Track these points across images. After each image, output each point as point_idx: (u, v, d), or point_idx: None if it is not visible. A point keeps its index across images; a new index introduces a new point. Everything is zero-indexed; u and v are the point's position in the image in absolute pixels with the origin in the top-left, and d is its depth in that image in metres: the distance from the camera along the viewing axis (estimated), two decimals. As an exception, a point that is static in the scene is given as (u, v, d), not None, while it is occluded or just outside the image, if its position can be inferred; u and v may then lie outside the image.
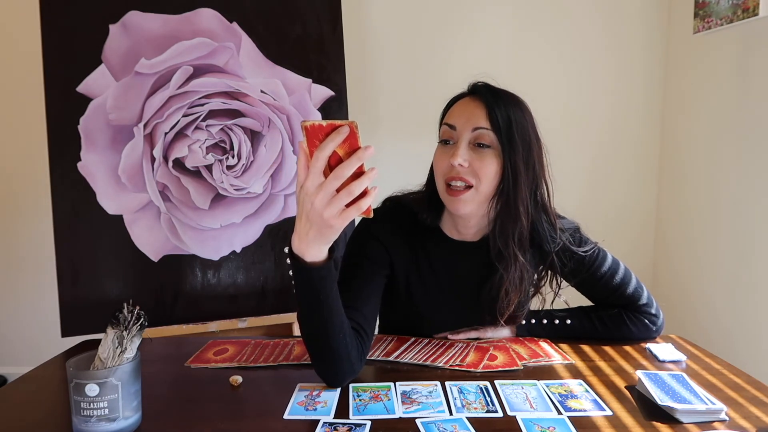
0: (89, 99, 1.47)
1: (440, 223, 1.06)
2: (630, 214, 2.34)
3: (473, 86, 1.01)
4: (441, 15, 2.21)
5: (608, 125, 2.28)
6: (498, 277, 1.00)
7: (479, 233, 1.05)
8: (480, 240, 1.05)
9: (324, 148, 0.66)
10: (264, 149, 1.57)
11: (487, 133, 0.94)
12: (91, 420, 0.69)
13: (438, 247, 1.05)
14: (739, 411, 0.77)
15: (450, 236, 1.06)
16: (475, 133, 0.94)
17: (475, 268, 1.04)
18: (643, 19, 2.24)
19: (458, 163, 0.93)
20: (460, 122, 0.96)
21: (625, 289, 1.06)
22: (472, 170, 0.94)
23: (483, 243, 1.04)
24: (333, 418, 0.75)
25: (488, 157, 0.94)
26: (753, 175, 1.79)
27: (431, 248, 1.05)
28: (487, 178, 0.94)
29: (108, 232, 1.48)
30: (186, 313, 1.53)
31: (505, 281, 0.99)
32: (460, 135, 0.95)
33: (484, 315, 1.04)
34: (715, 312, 1.98)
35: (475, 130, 0.94)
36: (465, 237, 1.05)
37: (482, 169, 0.94)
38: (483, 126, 0.94)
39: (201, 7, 1.53)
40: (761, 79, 1.75)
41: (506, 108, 0.95)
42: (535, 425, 0.73)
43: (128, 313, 0.73)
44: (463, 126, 0.95)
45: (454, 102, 1.01)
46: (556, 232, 1.01)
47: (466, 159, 0.93)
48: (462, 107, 0.98)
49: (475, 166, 0.94)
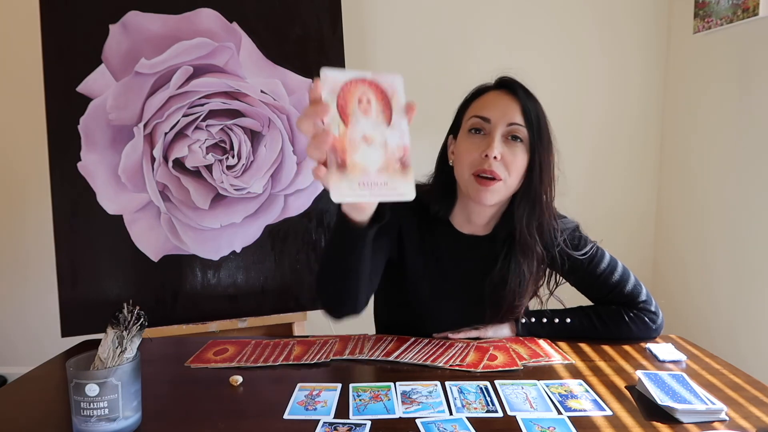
0: (89, 99, 1.47)
1: (450, 216, 1.07)
2: (630, 214, 2.34)
3: (503, 80, 1.02)
4: (441, 15, 2.21)
5: (608, 125, 2.28)
6: (508, 268, 1.02)
7: (489, 226, 1.07)
8: (489, 233, 1.07)
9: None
10: (264, 149, 1.57)
11: (521, 129, 0.97)
12: (91, 420, 0.69)
13: (447, 239, 1.07)
14: (739, 411, 0.77)
15: (459, 230, 1.07)
16: (510, 127, 0.97)
17: (482, 262, 1.05)
18: (643, 19, 2.24)
19: (494, 155, 0.94)
20: (495, 115, 0.97)
21: (623, 287, 1.06)
22: (503, 163, 0.96)
23: (492, 236, 1.06)
24: (333, 418, 0.75)
25: (519, 151, 0.97)
26: (753, 174, 1.79)
27: (440, 240, 1.06)
28: (516, 172, 0.97)
29: (108, 232, 1.48)
30: (186, 313, 1.53)
31: (519, 273, 1.02)
32: (494, 128, 0.97)
33: (486, 308, 1.05)
34: (716, 312, 1.98)
35: (510, 125, 0.96)
36: (475, 230, 1.07)
37: (513, 163, 0.96)
38: (518, 122, 0.96)
39: (201, 7, 1.53)
40: (761, 79, 1.75)
41: (535, 105, 0.99)
42: (535, 425, 0.73)
43: (128, 313, 0.73)
44: (498, 119, 0.96)
45: (480, 93, 1.03)
46: (558, 230, 1.04)
47: (501, 152, 0.95)
48: (495, 100, 0.99)
49: (507, 159, 0.96)
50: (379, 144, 0.59)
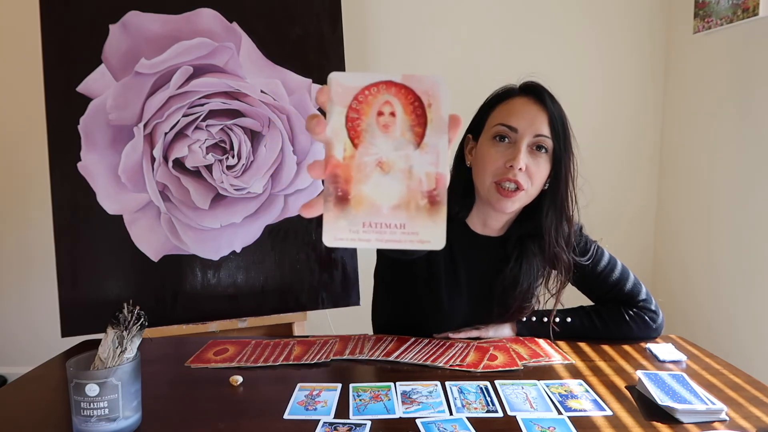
0: (89, 99, 1.47)
1: (466, 218, 1.08)
2: (630, 214, 2.34)
3: (530, 86, 1.00)
4: (441, 15, 2.21)
5: (608, 125, 2.28)
6: (519, 269, 1.03)
7: (504, 228, 1.07)
8: (503, 235, 1.08)
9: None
10: (264, 149, 1.57)
11: (547, 140, 0.96)
12: (91, 420, 0.69)
13: (462, 240, 1.07)
14: (739, 411, 0.77)
15: (474, 230, 1.07)
16: (537, 138, 0.96)
17: (495, 263, 1.06)
18: (643, 19, 2.24)
19: (520, 167, 0.94)
20: (522, 125, 0.96)
21: (623, 285, 1.06)
22: (527, 174, 0.96)
23: (505, 238, 1.07)
24: (333, 418, 0.75)
25: (543, 162, 0.97)
26: (753, 174, 1.79)
27: (455, 240, 1.06)
28: (538, 182, 0.97)
29: (108, 232, 1.48)
30: (186, 313, 1.53)
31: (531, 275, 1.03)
32: (520, 138, 0.96)
33: (494, 307, 1.06)
34: (716, 311, 1.98)
35: (537, 136, 0.96)
36: (489, 232, 1.08)
37: (537, 174, 0.96)
38: (545, 134, 0.96)
39: (201, 7, 1.53)
40: (761, 79, 1.75)
41: (560, 113, 0.98)
42: (535, 425, 0.73)
43: (128, 313, 0.73)
44: (525, 130, 0.96)
45: (506, 98, 1.01)
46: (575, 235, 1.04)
47: (526, 163, 0.95)
48: (523, 109, 0.97)
49: (531, 170, 0.96)
50: (400, 171, 0.44)
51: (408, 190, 0.44)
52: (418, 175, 0.44)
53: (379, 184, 0.44)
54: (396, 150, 0.44)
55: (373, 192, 0.44)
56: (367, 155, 0.44)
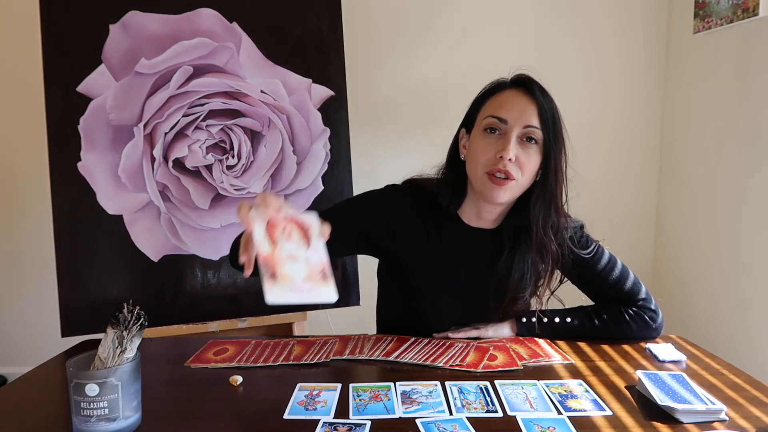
0: (89, 99, 1.46)
1: (459, 211, 1.08)
2: (630, 214, 2.33)
3: (520, 78, 1.02)
4: (441, 15, 2.21)
5: (608, 125, 2.28)
6: (512, 260, 1.04)
7: (497, 221, 1.08)
8: (496, 228, 1.08)
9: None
10: (264, 149, 1.57)
11: (536, 131, 0.97)
12: (91, 420, 0.69)
13: (454, 232, 1.07)
14: (739, 411, 0.77)
15: (468, 223, 1.07)
16: (526, 129, 0.97)
17: (489, 255, 1.06)
18: (643, 19, 2.24)
19: (509, 157, 0.95)
20: (511, 117, 0.97)
21: (623, 284, 1.07)
22: (517, 164, 0.97)
23: (499, 230, 1.07)
24: (333, 418, 0.75)
25: (533, 152, 0.98)
26: (753, 175, 1.79)
27: (447, 233, 1.07)
28: (529, 172, 0.98)
29: (108, 232, 1.47)
30: (186, 313, 1.53)
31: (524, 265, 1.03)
32: (510, 129, 0.97)
33: (489, 300, 1.06)
34: (716, 312, 1.98)
35: (526, 127, 0.97)
36: (483, 225, 1.08)
37: (527, 165, 0.97)
38: (534, 125, 0.97)
39: (201, 7, 1.53)
40: (761, 79, 1.75)
41: (550, 105, 0.99)
42: (535, 425, 0.73)
43: (128, 313, 0.73)
44: (515, 121, 0.97)
45: (497, 91, 1.02)
46: (568, 228, 1.05)
47: (516, 154, 0.96)
48: (512, 101, 0.99)
49: (522, 160, 0.97)
50: (302, 260, 0.75)
51: (309, 270, 0.75)
52: (313, 261, 0.75)
53: (292, 268, 0.74)
54: (296, 249, 0.75)
55: (290, 272, 0.73)
56: (281, 252, 0.74)
